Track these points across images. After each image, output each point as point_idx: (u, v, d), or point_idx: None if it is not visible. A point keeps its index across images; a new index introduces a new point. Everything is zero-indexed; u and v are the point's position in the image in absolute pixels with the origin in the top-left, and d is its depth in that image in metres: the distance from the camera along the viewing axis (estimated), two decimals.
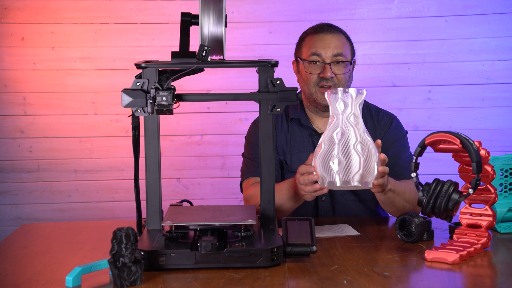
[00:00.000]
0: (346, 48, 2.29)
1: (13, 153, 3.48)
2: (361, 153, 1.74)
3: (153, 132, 1.77)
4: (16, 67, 3.45)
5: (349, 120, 1.77)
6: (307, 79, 2.29)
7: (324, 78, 2.25)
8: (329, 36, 2.28)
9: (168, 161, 3.48)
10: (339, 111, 1.78)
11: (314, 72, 2.27)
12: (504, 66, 3.47)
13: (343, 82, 2.27)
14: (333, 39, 2.28)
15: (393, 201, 2.07)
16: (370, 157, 1.76)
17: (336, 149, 1.75)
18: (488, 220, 1.79)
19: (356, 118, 1.77)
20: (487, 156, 1.78)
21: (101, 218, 3.47)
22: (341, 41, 2.29)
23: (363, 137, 1.77)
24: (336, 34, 2.30)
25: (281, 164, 2.35)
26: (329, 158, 1.76)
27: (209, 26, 1.71)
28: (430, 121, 3.49)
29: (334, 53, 2.26)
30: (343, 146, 1.75)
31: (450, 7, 3.45)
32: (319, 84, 2.27)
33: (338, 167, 1.75)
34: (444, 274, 1.60)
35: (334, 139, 1.76)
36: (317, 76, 2.27)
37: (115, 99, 3.44)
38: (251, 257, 1.60)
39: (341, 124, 1.77)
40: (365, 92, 1.81)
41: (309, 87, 2.29)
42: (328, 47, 2.26)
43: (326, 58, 2.26)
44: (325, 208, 2.32)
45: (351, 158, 1.74)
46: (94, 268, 1.57)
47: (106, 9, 3.45)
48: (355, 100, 1.78)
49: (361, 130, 1.77)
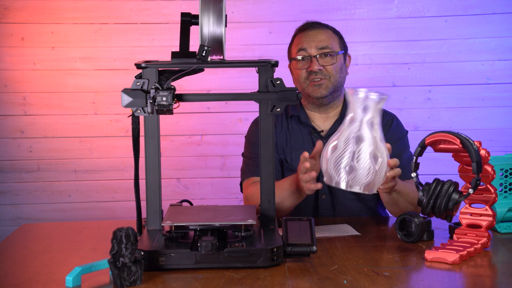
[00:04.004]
0: (333, 41, 2.33)
1: (13, 153, 3.48)
2: (374, 163, 1.68)
3: (153, 132, 1.77)
4: (16, 67, 3.45)
5: (368, 124, 1.67)
6: (298, 76, 2.33)
7: (313, 71, 2.28)
8: (314, 32, 2.34)
9: (168, 161, 3.48)
10: (360, 114, 1.69)
11: (303, 67, 2.31)
12: (504, 66, 3.47)
13: (333, 73, 2.30)
14: (317, 33, 2.33)
15: (397, 201, 2.07)
16: (382, 168, 1.69)
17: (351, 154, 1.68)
18: (488, 220, 1.79)
19: (376, 125, 1.68)
20: (487, 156, 1.78)
21: (101, 218, 3.47)
22: (326, 34, 2.33)
23: (379, 145, 1.68)
24: (321, 29, 2.35)
25: (281, 162, 2.35)
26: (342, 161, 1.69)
27: (209, 26, 1.71)
28: (430, 121, 3.49)
29: (319, 46, 2.30)
30: (358, 153, 1.67)
31: (450, 7, 3.45)
32: (308, 78, 2.30)
33: (349, 173, 1.69)
34: (444, 274, 1.60)
35: (350, 142, 1.68)
36: (306, 71, 2.30)
37: (115, 99, 3.44)
38: (251, 257, 1.60)
39: (360, 127, 1.67)
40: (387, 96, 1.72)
41: (301, 83, 2.33)
42: (313, 41, 2.30)
43: (311, 52, 2.29)
44: (325, 206, 2.33)
45: (363, 167, 1.68)
46: (94, 268, 1.57)
47: (106, 9, 3.45)
48: (377, 105, 1.70)
49: (378, 138, 1.69)
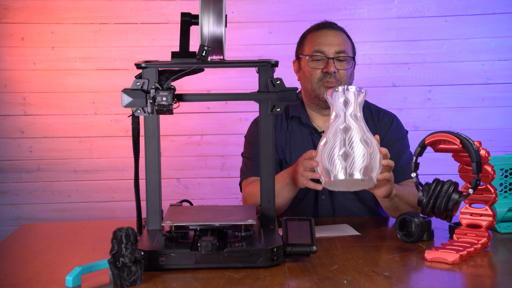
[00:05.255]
0: (348, 46, 2.32)
1: (13, 153, 3.48)
2: (367, 146, 1.76)
3: (153, 132, 1.77)
4: (16, 67, 3.45)
5: (352, 117, 1.78)
6: (310, 75, 2.30)
7: (328, 73, 2.27)
8: (332, 33, 2.32)
9: (168, 161, 3.48)
10: (342, 109, 1.80)
11: (318, 67, 2.29)
12: (504, 66, 3.47)
13: (345, 78, 2.29)
14: (335, 36, 2.31)
15: (398, 206, 2.08)
16: (375, 152, 1.79)
17: (342, 143, 1.77)
18: (488, 220, 1.79)
19: (360, 117, 1.80)
20: (487, 156, 1.78)
21: (101, 218, 3.47)
22: (343, 38, 2.32)
23: (367, 133, 1.79)
24: (338, 31, 2.34)
25: (281, 163, 2.35)
26: (334, 152, 1.77)
27: (209, 26, 1.71)
28: (430, 121, 3.49)
29: (337, 50, 2.28)
30: (349, 140, 1.77)
31: (450, 7, 3.45)
32: (322, 80, 2.28)
33: (344, 160, 1.76)
34: (444, 274, 1.60)
35: (339, 133, 1.78)
36: (321, 71, 2.28)
37: (115, 99, 3.44)
38: (251, 257, 1.60)
39: (345, 120, 1.79)
40: (366, 92, 1.82)
41: (312, 83, 2.30)
42: (331, 44, 2.28)
43: (329, 54, 2.28)
44: (325, 207, 2.32)
45: (357, 151, 1.76)
46: (94, 268, 1.57)
47: (106, 9, 3.45)
48: (357, 98, 1.80)
49: (364, 127, 1.80)
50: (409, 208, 2.10)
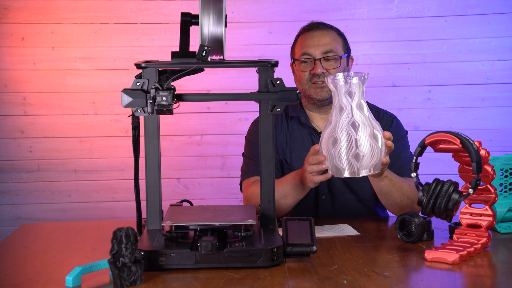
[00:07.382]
0: (337, 44, 2.32)
1: (13, 153, 3.48)
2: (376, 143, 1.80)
3: (153, 132, 1.77)
4: (16, 67, 3.45)
5: (358, 109, 1.80)
6: (300, 77, 2.33)
7: (316, 74, 2.28)
8: (319, 34, 2.32)
9: (168, 161, 3.48)
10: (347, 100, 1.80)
11: (306, 69, 2.31)
12: (504, 66, 3.47)
13: None
14: (322, 36, 2.32)
15: (390, 191, 2.08)
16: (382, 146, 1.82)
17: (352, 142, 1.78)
18: (488, 220, 1.79)
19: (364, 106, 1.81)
20: (487, 156, 1.78)
21: (101, 218, 3.47)
22: (331, 37, 2.32)
23: (374, 124, 1.81)
24: (325, 31, 2.34)
25: (281, 163, 2.36)
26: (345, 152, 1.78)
27: (209, 26, 1.71)
28: (430, 121, 3.49)
29: (324, 50, 2.29)
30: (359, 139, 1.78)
31: (450, 7, 3.45)
32: (311, 81, 2.30)
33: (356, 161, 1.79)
34: (444, 274, 1.60)
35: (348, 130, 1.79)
36: (309, 73, 2.30)
37: (115, 99, 3.44)
38: (251, 257, 1.60)
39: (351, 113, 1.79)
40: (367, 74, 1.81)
41: (303, 85, 2.33)
42: (317, 46, 2.30)
43: (316, 55, 2.29)
44: (325, 207, 2.33)
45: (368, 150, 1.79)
46: (94, 268, 1.57)
47: (106, 9, 3.45)
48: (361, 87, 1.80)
49: (370, 117, 1.81)
50: (404, 198, 2.11)
